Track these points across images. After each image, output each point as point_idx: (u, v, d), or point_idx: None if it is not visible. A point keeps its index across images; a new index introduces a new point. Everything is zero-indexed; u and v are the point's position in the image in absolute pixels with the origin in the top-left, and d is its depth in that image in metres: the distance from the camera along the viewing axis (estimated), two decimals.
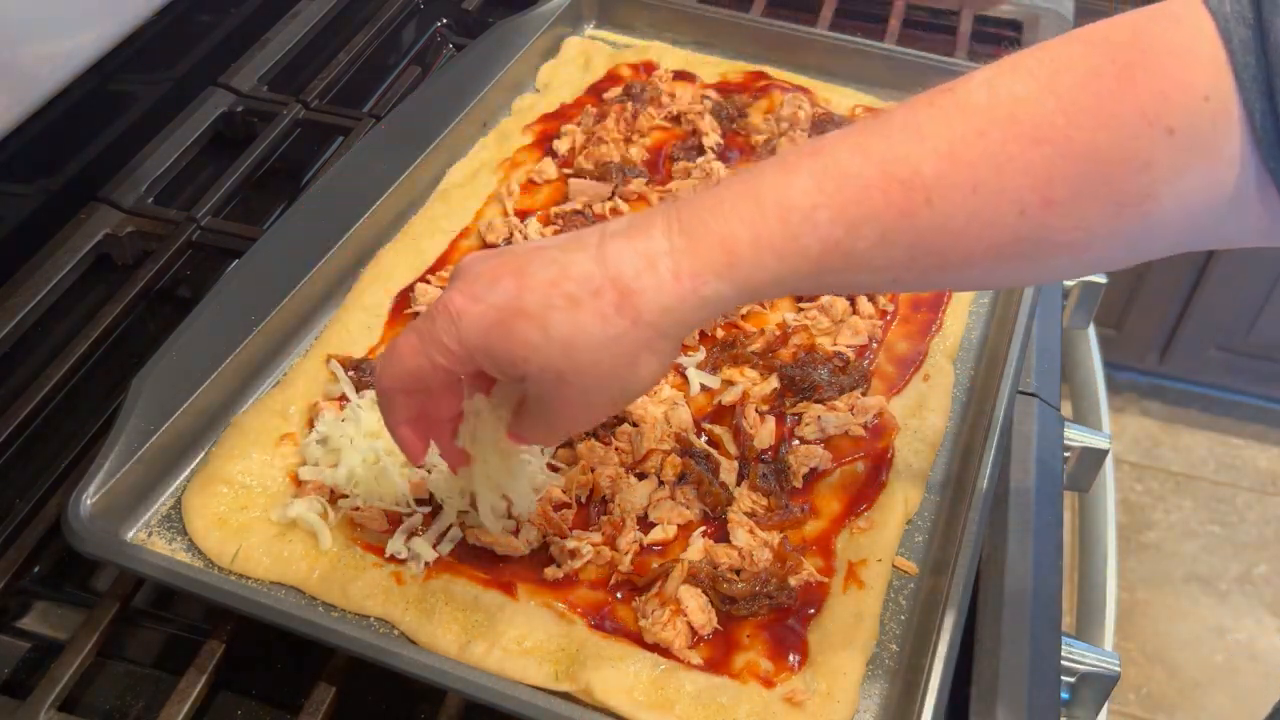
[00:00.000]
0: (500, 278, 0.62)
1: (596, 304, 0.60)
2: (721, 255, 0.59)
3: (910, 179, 0.57)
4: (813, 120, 1.19)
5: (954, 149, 0.57)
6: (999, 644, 0.79)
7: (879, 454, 0.89)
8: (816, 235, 0.58)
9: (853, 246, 0.58)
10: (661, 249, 0.60)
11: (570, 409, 0.65)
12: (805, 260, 0.59)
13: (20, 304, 1.02)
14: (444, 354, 0.63)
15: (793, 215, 0.58)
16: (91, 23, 1.09)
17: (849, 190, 0.58)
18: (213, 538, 0.82)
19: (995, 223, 0.57)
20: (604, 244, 0.61)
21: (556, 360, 0.61)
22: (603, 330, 0.60)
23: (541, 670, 0.75)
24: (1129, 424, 2.80)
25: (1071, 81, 0.56)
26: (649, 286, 0.60)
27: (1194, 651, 2.38)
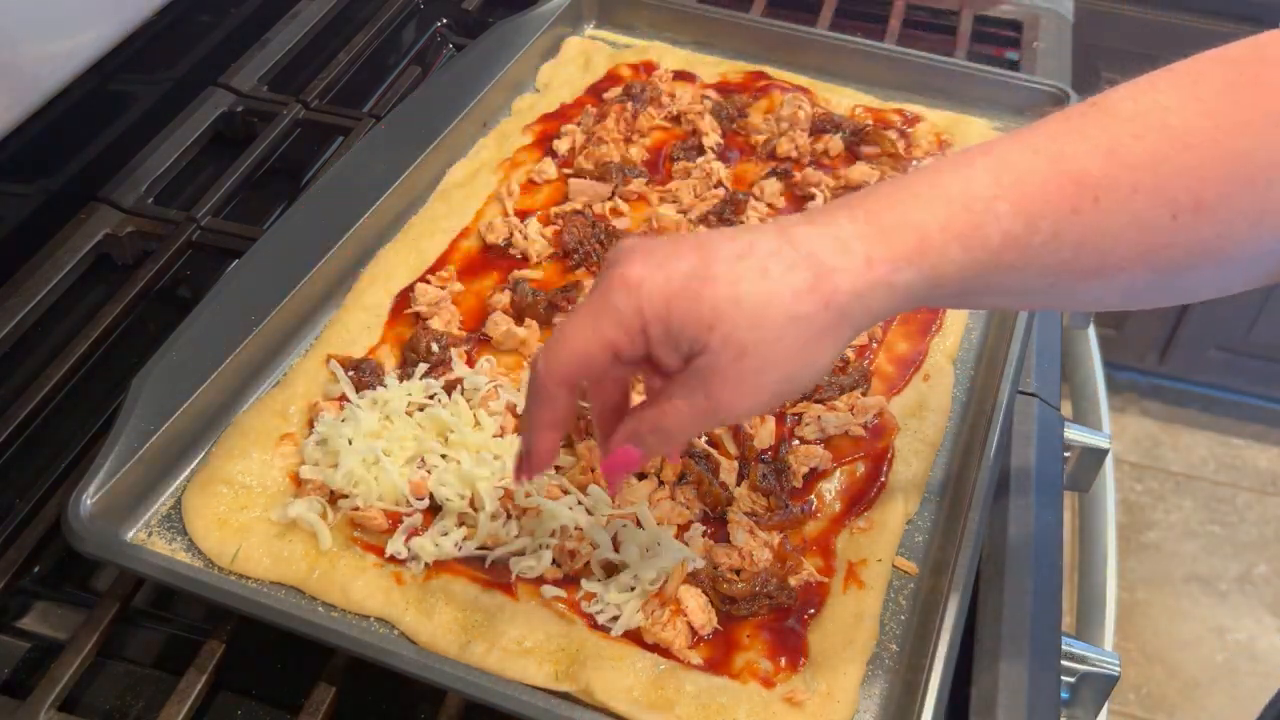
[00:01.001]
0: (680, 251, 0.60)
1: (790, 278, 0.58)
2: (913, 241, 0.59)
3: (1080, 176, 0.59)
4: (813, 120, 1.19)
5: (1115, 150, 0.59)
6: (999, 644, 0.79)
7: (879, 454, 0.89)
8: (998, 226, 0.59)
9: (1029, 241, 0.59)
10: (851, 233, 0.59)
11: (739, 388, 0.60)
12: (986, 251, 0.59)
13: (20, 304, 1.02)
14: (618, 329, 0.60)
15: (975, 204, 0.59)
16: (91, 23, 1.09)
17: (1025, 184, 0.59)
18: (213, 538, 0.82)
19: (1151, 225, 0.59)
20: (787, 229, 0.60)
21: (743, 330, 0.58)
22: (794, 306, 0.58)
23: (541, 670, 0.75)
24: (1129, 424, 2.80)
25: (1211, 91, 0.59)
26: (845, 268, 0.59)
27: (1194, 651, 2.38)
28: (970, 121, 1.21)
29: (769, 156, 1.17)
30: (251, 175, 1.18)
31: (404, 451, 0.86)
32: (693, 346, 0.60)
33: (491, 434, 0.87)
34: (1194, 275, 0.62)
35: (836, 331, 0.60)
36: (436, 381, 0.91)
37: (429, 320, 0.98)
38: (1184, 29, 2.17)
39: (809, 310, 0.59)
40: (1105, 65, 2.27)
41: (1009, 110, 1.25)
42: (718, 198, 1.10)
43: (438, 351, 0.94)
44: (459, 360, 0.93)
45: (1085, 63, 2.10)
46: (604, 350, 0.61)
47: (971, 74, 1.26)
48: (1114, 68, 2.26)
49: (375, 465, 0.84)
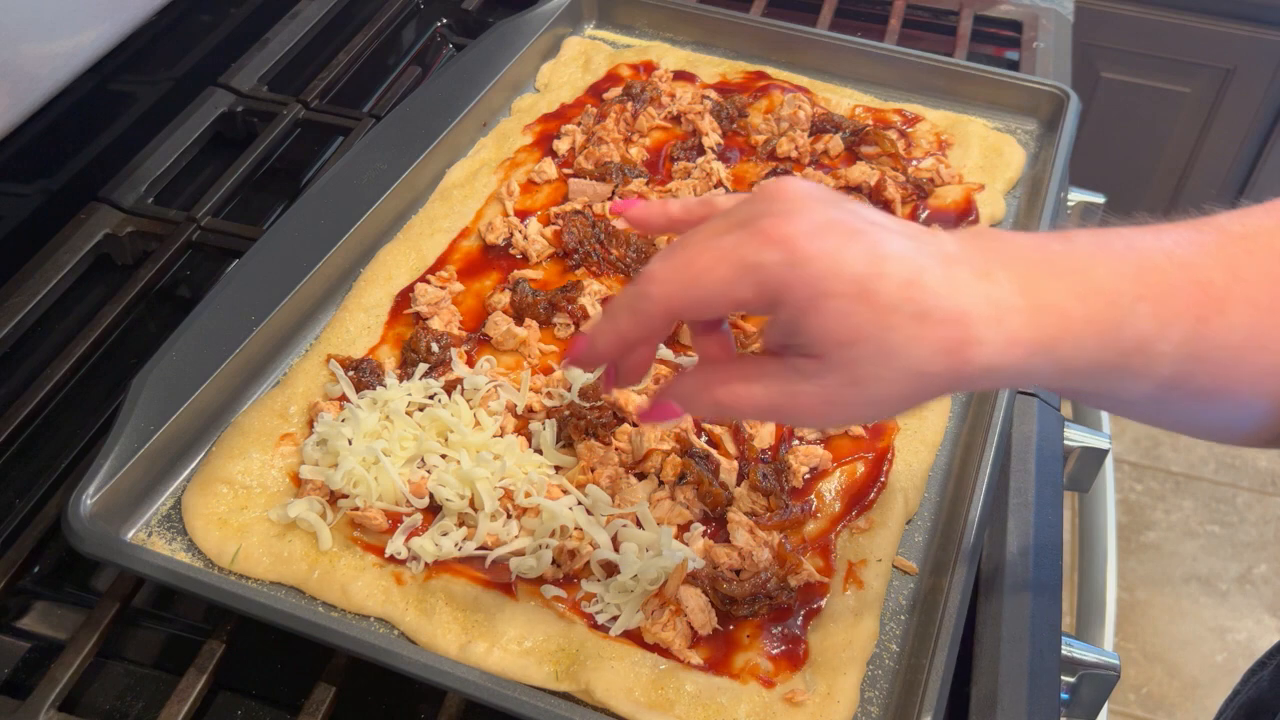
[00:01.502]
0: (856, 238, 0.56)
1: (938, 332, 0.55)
2: (1055, 327, 0.57)
3: (1207, 285, 0.58)
4: (813, 120, 1.19)
5: (1233, 264, 0.59)
6: (999, 644, 0.79)
7: (879, 454, 0.89)
8: (1135, 328, 0.57)
9: (1155, 349, 0.58)
10: (1009, 304, 0.56)
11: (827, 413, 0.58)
12: (1115, 352, 0.58)
13: (20, 304, 1.02)
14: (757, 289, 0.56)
15: (1121, 300, 0.57)
16: (91, 23, 1.09)
17: (1162, 286, 0.58)
18: (212, 538, 0.82)
19: (1268, 347, 0.58)
20: (954, 264, 0.57)
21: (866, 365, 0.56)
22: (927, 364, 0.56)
23: (541, 670, 0.75)
24: (1129, 424, 2.80)
25: None
26: (989, 341, 0.56)
27: (1194, 651, 2.38)
28: (970, 121, 1.21)
29: (769, 156, 1.17)
30: (251, 175, 1.18)
31: (404, 451, 0.86)
32: (812, 349, 0.57)
33: (491, 434, 0.87)
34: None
35: (947, 393, 0.59)
36: (436, 381, 0.91)
37: (429, 320, 0.98)
38: (1184, 29, 2.17)
39: (937, 371, 0.56)
40: (1105, 65, 2.27)
41: (1009, 110, 1.25)
42: None
43: (438, 351, 0.94)
44: (459, 360, 0.93)
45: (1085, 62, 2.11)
46: (730, 305, 0.57)
47: (971, 74, 1.26)
48: (1114, 67, 2.26)
49: (375, 465, 0.84)
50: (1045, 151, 1.18)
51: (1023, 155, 1.19)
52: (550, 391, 0.91)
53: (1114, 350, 0.57)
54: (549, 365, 0.95)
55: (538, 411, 0.90)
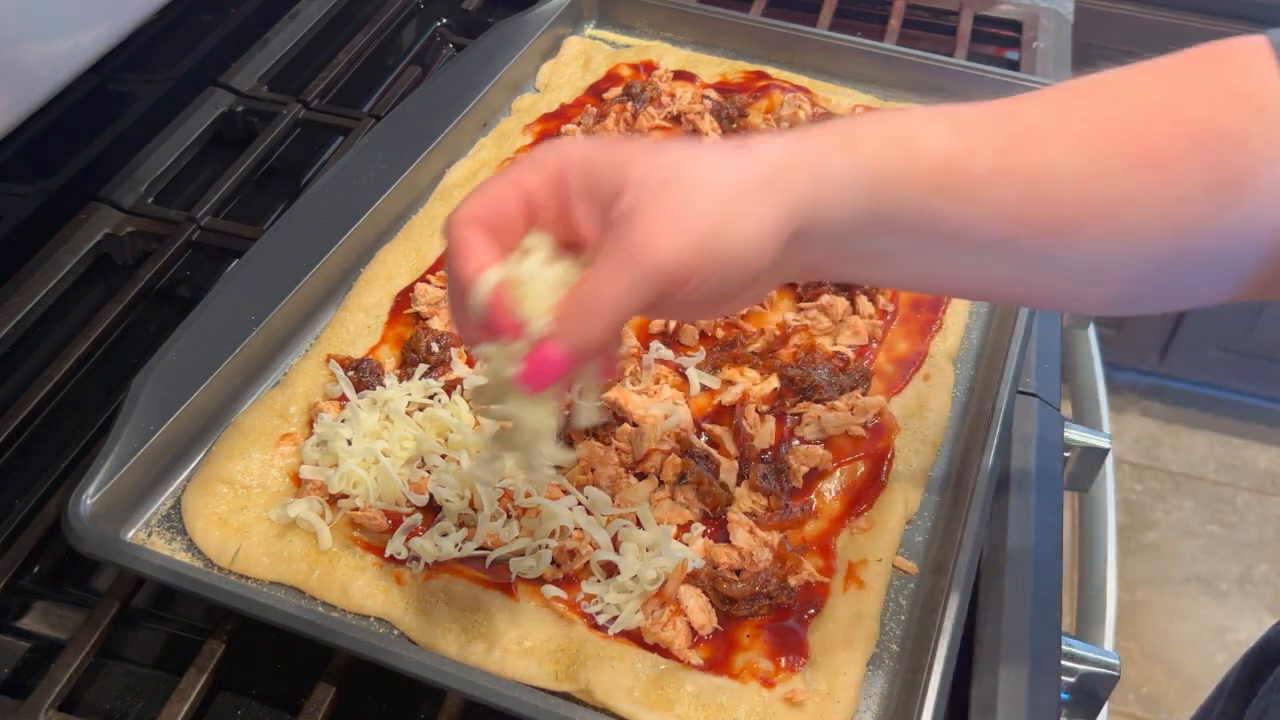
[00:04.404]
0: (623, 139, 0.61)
1: (719, 148, 0.58)
2: (844, 136, 0.58)
3: (1020, 118, 0.59)
4: (812, 120, 1.19)
5: (1058, 105, 0.59)
6: (999, 644, 0.79)
7: (879, 454, 0.89)
8: (936, 144, 0.58)
9: (970, 169, 0.57)
10: (788, 136, 0.59)
11: (661, 224, 0.55)
12: (922, 167, 0.58)
13: (20, 304, 1.02)
14: (534, 170, 0.58)
15: (909, 121, 0.59)
16: (91, 23, 1.09)
17: (962, 119, 0.59)
18: (212, 538, 0.82)
19: (1103, 176, 0.57)
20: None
21: (667, 166, 0.56)
22: (715, 157, 0.57)
23: (541, 670, 0.75)
24: (1129, 424, 2.80)
25: (1161, 69, 0.59)
26: (769, 139, 0.59)
27: (1194, 651, 2.38)
28: None
29: None
30: (251, 175, 1.18)
31: (404, 452, 0.86)
32: (613, 184, 0.56)
33: (491, 434, 0.87)
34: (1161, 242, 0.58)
35: (763, 195, 0.56)
36: (436, 382, 0.91)
37: (429, 320, 0.98)
38: (1184, 28, 2.17)
39: (730, 160, 0.57)
40: (1105, 65, 2.26)
41: None
42: None
43: (437, 351, 0.94)
44: (459, 360, 0.93)
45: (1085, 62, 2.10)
46: (516, 194, 0.58)
47: (971, 74, 1.26)
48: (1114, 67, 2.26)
49: (375, 466, 0.84)
50: None
51: None
52: None
53: (920, 164, 0.57)
54: None
55: None
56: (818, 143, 0.58)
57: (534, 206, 0.58)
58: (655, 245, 0.54)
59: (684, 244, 0.55)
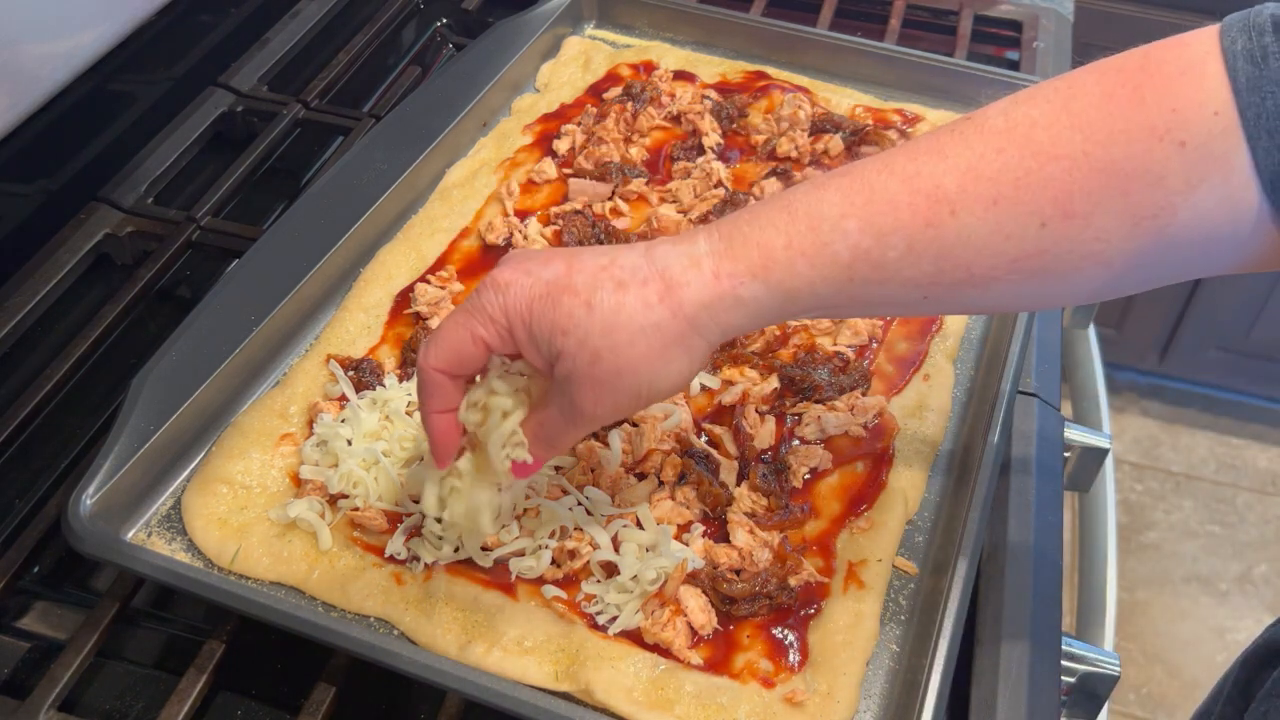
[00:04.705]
0: (551, 260, 0.66)
1: (642, 291, 0.63)
2: (757, 258, 0.63)
3: (933, 192, 0.60)
4: (813, 120, 1.19)
5: (973, 165, 0.60)
6: (999, 644, 0.79)
7: (879, 454, 0.89)
8: (846, 243, 0.62)
9: (883, 256, 0.61)
10: (704, 251, 0.64)
11: (597, 391, 0.65)
12: (836, 267, 0.62)
13: (20, 304, 1.02)
14: (487, 325, 0.66)
15: (823, 224, 0.62)
16: (91, 23, 1.09)
17: (876, 203, 0.61)
18: (212, 538, 0.82)
19: (1017, 235, 0.60)
20: (652, 248, 0.66)
21: (595, 337, 0.63)
22: (644, 314, 0.63)
23: (541, 670, 0.75)
24: (1129, 424, 2.80)
25: (1085, 104, 0.59)
26: (692, 281, 0.64)
27: (1194, 651, 2.38)
28: None
29: (769, 156, 1.17)
30: (251, 175, 1.18)
31: (404, 452, 0.86)
32: (552, 349, 0.65)
33: None
34: (1076, 279, 0.61)
35: (688, 341, 0.64)
36: None
37: (429, 320, 0.98)
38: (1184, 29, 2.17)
39: (659, 318, 0.63)
40: None
41: None
42: (718, 198, 1.10)
43: None
44: None
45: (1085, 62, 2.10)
46: (474, 343, 0.67)
47: (971, 74, 1.26)
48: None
49: (375, 466, 0.84)
50: None
51: None
52: None
53: (832, 266, 0.62)
54: None
55: None
56: (733, 271, 0.63)
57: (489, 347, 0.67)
58: (593, 409, 0.67)
59: (617, 405, 0.66)
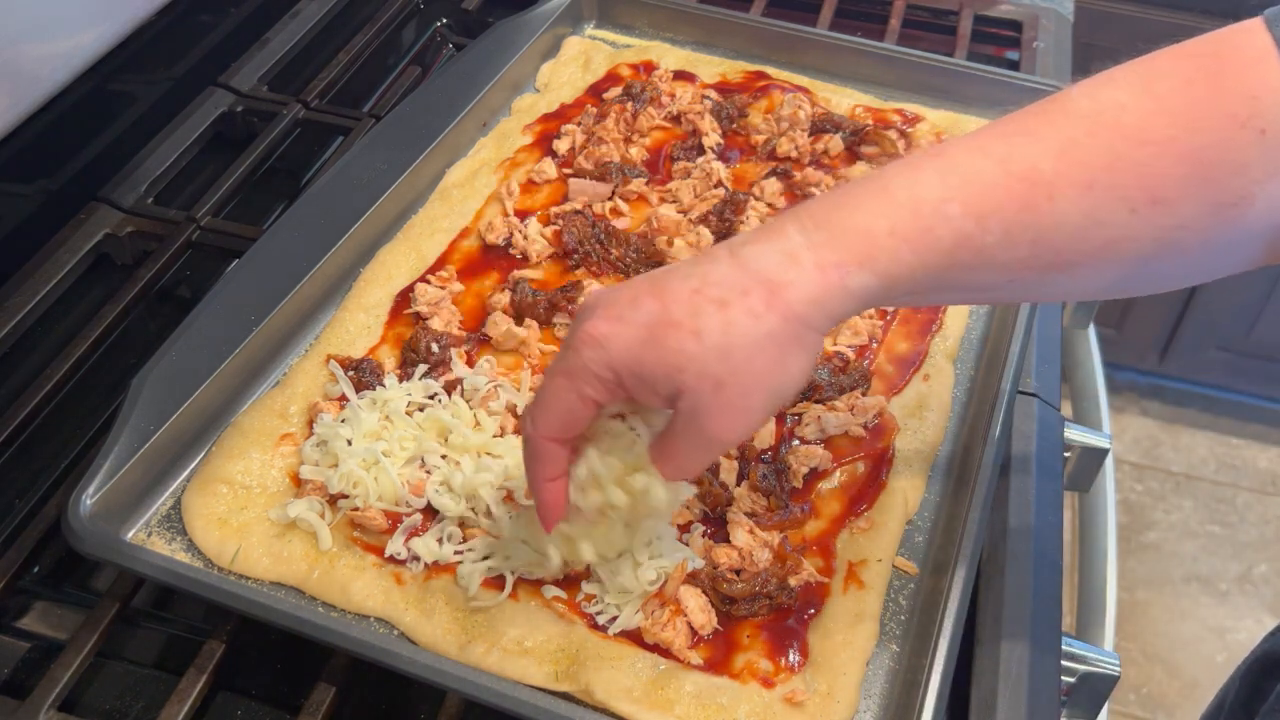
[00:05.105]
0: (638, 298, 0.62)
1: (745, 302, 0.60)
2: (861, 246, 0.60)
3: (1030, 174, 0.60)
4: (813, 120, 1.19)
5: (1067, 149, 0.60)
6: (999, 644, 0.79)
7: (879, 454, 0.89)
8: (949, 227, 0.60)
9: (982, 241, 0.60)
10: (800, 244, 0.61)
11: (728, 418, 0.63)
12: (938, 253, 0.60)
13: (20, 304, 1.02)
14: (594, 384, 0.62)
15: (924, 207, 0.60)
16: (91, 23, 1.09)
17: (975, 185, 0.60)
18: (212, 538, 0.82)
19: (1108, 221, 0.60)
20: (737, 251, 0.62)
21: (713, 366, 0.60)
22: (755, 327, 0.60)
23: (541, 670, 0.75)
24: (1129, 424, 2.80)
25: (1168, 89, 0.60)
26: (796, 280, 0.60)
27: (1194, 651, 2.38)
28: (970, 121, 1.21)
29: (769, 156, 1.17)
30: (251, 175, 1.18)
31: (404, 452, 0.86)
32: (670, 389, 0.62)
33: (491, 434, 0.87)
34: (1159, 265, 0.62)
35: (802, 340, 0.61)
36: (436, 382, 0.91)
37: (429, 320, 0.98)
38: (1184, 29, 2.17)
39: (770, 326, 0.60)
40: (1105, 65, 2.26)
41: (1009, 110, 1.24)
42: (718, 198, 1.10)
43: (437, 351, 0.94)
44: (459, 360, 0.93)
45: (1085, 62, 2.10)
46: (586, 406, 0.64)
47: (971, 74, 1.26)
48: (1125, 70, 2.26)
49: (375, 466, 0.84)
50: None
51: None
52: None
53: (934, 252, 0.60)
54: (549, 365, 0.95)
55: None
56: (838, 262, 0.60)
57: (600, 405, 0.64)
58: (726, 433, 0.64)
59: (750, 423, 0.64)
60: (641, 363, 0.61)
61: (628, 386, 0.63)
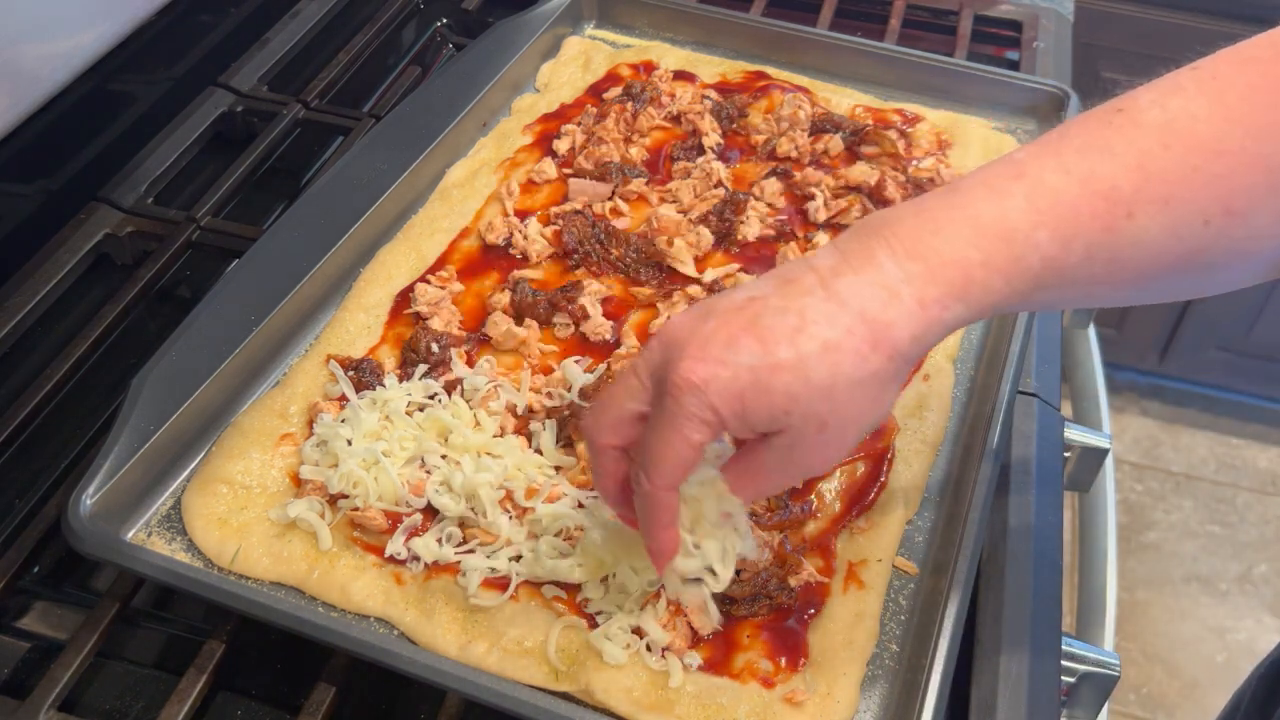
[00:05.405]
0: (735, 337, 0.61)
1: (850, 342, 0.60)
2: (958, 279, 0.61)
3: (1110, 193, 0.60)
4: (813, 120, 1.19)
5: (1143, 163, 0.60)
6: (999, 644, 0.79)
7: (879, 454, 0.89)
8: (1038, 254, 0.61)
9: (1065, 262, 0.61)
10: (897, 278, 0.61)
11: (824, 452, 0.64)
12: (1026, 279, 0.61)
13: (20, 304, 1.02)
14: (700, 429, 0.62)
15: (1015, 236, 0.61)
16: (91, 23, 1.09)
17: (1060, 208, 0.60)
18: (212, 538, 0.82)
19: (1184, 235, 0.60)
20: (830, 284, 0.62)
21: (818, 407, 0.61)
22: (860, 368, 0.60)
23: (541, 670, 0.75)
24: (1129, 424, 2.80)
25: (1236, 97, 0.60)
26: (898, 319, 0.61)
27: (1194, 651, 2.38)
28: (970, 121, 1.21)
29: (769, 156, 1.17)
30: (251, 175, 1.18)
31: (404, 452, 0.86)
32: (773, 427, 0.63)
33: (491, 434, 0.87)
34: (1223, 275, 0.63)
35: (899, 374, 0.63)
36: (436, 382, 0.91)
37: (429, 320, 0.98)
38: (1184, 29, 2.17)
39: (875, 368, 0.61)
40: (1105, 65, 2.27)
41: (1009, 110, 1.25)
42: (718, 198, 1.10)
43: (437, 351, 0.94)
44: (459, 360, 0.93)
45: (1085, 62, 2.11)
46: (695, 451, 0.64)
47: (971, 74, 1.26)
48: (1114, 67, 2.26)
49: (375, 466, 0.84)
50: None
51: None
52: (550, 391, 0.91)
53: (1023, 279, 0.61)
54: (549, 365, 0.95)
55: (538, 412, 0.90)
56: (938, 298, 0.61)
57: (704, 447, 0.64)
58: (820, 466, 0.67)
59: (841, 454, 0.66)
60: (746, 405, 0.61)
61: (729, 427, 0.63)
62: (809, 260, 0.64)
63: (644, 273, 1.04)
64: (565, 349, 0.97)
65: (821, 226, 1.09)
